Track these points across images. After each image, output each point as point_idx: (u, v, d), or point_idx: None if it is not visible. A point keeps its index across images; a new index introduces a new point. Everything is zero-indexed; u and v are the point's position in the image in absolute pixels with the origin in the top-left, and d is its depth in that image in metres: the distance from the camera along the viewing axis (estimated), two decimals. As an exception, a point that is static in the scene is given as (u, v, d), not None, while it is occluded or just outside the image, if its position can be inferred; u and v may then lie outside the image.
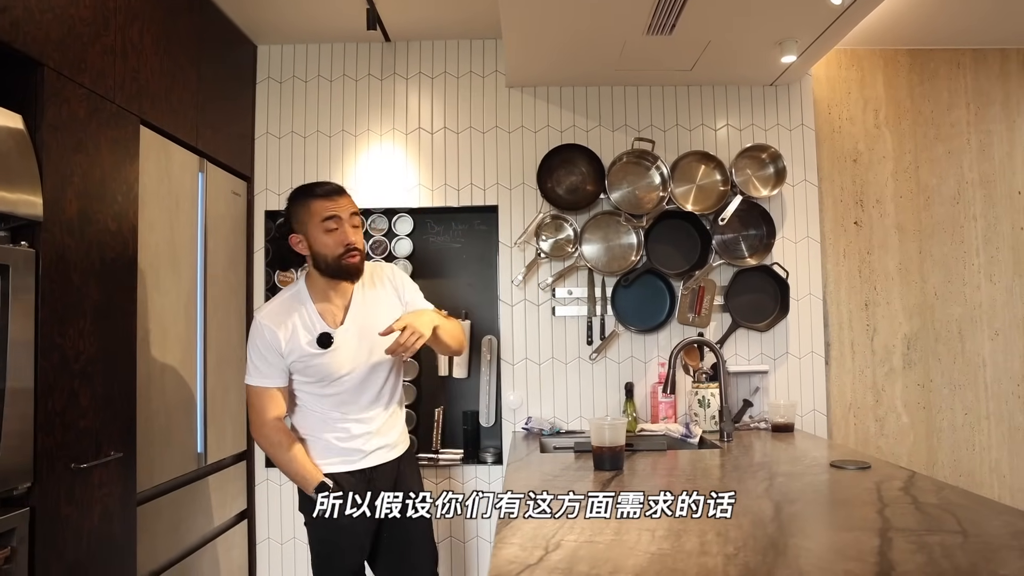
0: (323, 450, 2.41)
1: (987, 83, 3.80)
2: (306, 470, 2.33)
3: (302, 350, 2.32)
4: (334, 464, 2.40)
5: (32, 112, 2.04)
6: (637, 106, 3.69)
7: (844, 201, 3.72)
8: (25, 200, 1.97)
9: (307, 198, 2.35)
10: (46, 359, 2.04)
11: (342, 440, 2.41)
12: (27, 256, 1.99)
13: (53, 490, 2.06)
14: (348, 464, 2.42)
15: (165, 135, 2.78)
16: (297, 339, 2.32)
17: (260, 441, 2.38)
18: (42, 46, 2.07)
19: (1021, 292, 3.71)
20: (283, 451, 2.32)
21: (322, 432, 2.41)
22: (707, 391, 3.34)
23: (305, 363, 2.34)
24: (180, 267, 2.87)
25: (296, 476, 2.35)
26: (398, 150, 3.65)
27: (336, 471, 2.39)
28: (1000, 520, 1.75)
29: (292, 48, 3.69)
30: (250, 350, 2.36)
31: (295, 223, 2.37)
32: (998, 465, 3.66)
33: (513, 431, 3.52)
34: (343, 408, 2.42)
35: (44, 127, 2.06)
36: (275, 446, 2.33)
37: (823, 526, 1.81)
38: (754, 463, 2.59)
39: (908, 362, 3.68)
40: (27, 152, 1.99)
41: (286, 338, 2.32)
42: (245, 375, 2.39)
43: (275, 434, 2.33)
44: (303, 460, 2.34)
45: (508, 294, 3.58)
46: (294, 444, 2.35)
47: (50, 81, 2.10)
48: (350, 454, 2.42)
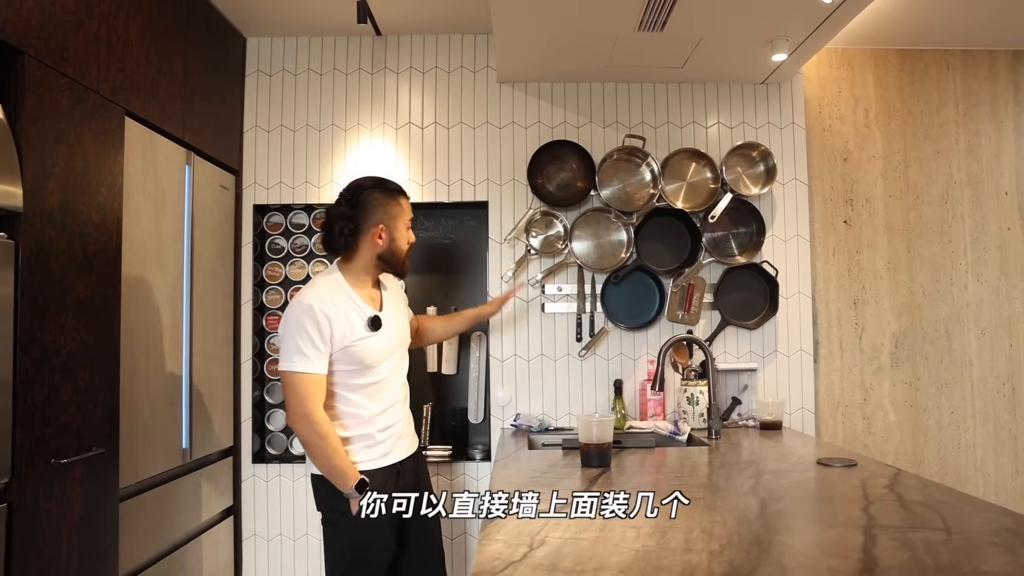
0: (360, 446, 2.40)
1: (976, 84, 3.81)
2: (347, 466, 2.31)
3: (353, 333, 2.36)
4: (369, 461, 2.40)
5: (12, 101, 2.02)
6: (628, 103, 3.68)
7: (834, 200, 3.73)
8: (4, 191, 1.95)
9: (399, 196, 2.52)
10: (26, 353, 2.02)
11: (379, 433, 2.43)
12: (6, 247, 1.97)
13: (32, 486, 2.04)
14: (381, 460, 2.43)
15: (151, 127, 2.76)
16: (349, 322, 2.36)
17: (304, 430, 2.29)
18: (22, 33, 2.04)
19: (1007, 292, 3.73)
20: (329, 443, 2.28)
21: (359, 427, 2.41)
22: (696, 388, 3.34)
23: (355, 347, 2.36)
24: (166, 260, 2.85)
25: (335, 471, 2.30)
26: (388, 145, 3.64)
27: (369, 468, 2.39)
28: (983, 517, 1.75)
29: (282, 41, 3.67)
30: (296, 335, 2.30)
31: (383, 216, 2.45)
32: (983, 463, 3.67)
33: (502, 428, 3.51)
34: (376, 398, 2.44)
35: (24, 116, 2.03)
36: (322, 438, 2.28)
37: (808, 523, 1.82)
38: (741, 460, 2.59)
39: (896, 361, 3.69)
40: (7, 142, 1.97)
41: (338, 321, 2.33)
42: (286, 362, 2.30)
43: (324, 424, 2.29)
44: (344, 456, 2.33)
45: (498, 290, 3.57)
46: (338, 438, 2.33)
47: (31, 70, 2.07)
48: (383, 447, 2.44)
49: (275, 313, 3.63)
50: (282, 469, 3.53)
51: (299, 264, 3.66)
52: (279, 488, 3.53)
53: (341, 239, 2.41)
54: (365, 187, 2.46)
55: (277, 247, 3.66)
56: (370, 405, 2.42)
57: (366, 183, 2.48)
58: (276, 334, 3.62)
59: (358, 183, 2.49)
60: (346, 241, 2.42)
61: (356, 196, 2.44)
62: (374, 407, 2.43)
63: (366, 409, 2.41)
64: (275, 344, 3.63)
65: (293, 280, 3.65)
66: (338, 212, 2.43)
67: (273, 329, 3.63)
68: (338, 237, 2.42)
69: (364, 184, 2.48)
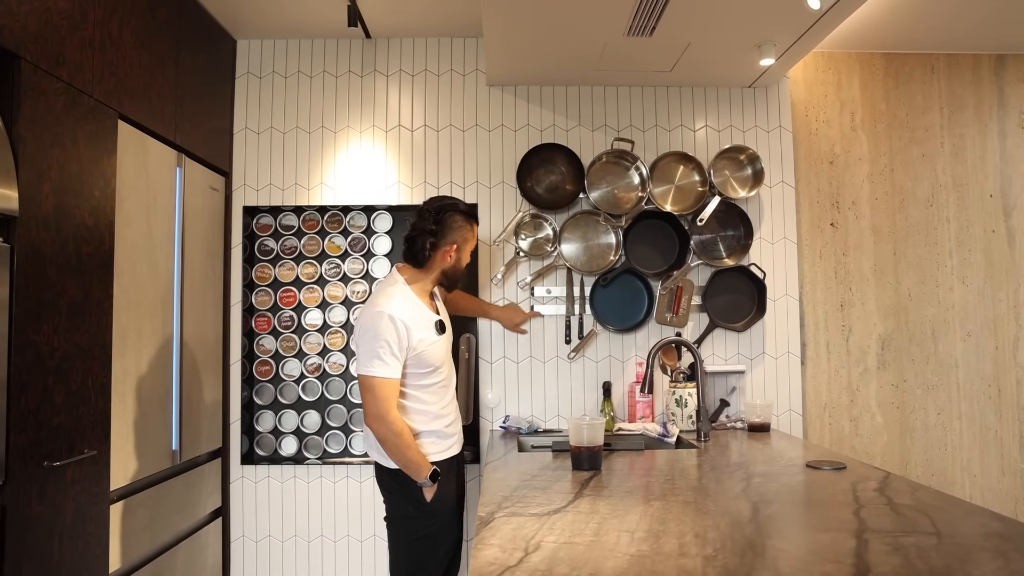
0: (431, 439, 2.62)
1: (960, 88, 3.85)
2: (421, 458, 2.52)
3: (426, 338, 2.56)
4: (438, 452, 2.63)
5: (8, 106, 2.02)
6: (617, 106, 3.70)
7: (820, 203, 3.76)
8: (0, 194, 1.94)
9: (474, 223, 2.76)
10: (20, 356, 2.01)
11: (447, 428, 2.67)
12: (1, 251, 1.96)
13: (25, 489, 2.03)
14: (447, 451, 2.67)
15: (143, 129, 2.75)
16: (421, 328, 2.56)
17: (381, 430, 2.47)
18: (19, 38, 2.04)
19: (992, 294, 3.77)
20: (404, 439, 2.48)
21: (431, 423, 2.62)
22: (684, 391, 3.36)
23: (429, 352, 2.57)
24: (157, 262, 2.84)
25: (410, 464, 2.50)
26: (378, 147, 3.64)
27: (439, 459, 2.61)
28: (973, 521, 1.77)
29: (272, 43, 3.66)
30: (375, 342, 2.47)
31: (458, 238, 2.68)
32: (969, 465, 3.71)
33: (491, 430, 3.52)
34: (441, 394, 2.67)
35: (20, 121, 2.03)
36: (400, 435, 2.47)
37: (800, 527, 1.83)
38: (731, 463, 2.61)
39: (882, 362, 3.73)
40: (3, 146, 1.97)
41: (415, 328, 2.53)
42: (365, 367, 2.48)
43: (398, 423, 2.48)
44: (419, 449, 2.55)
45: (487, 292, 3.58)
46: (411, 434, 2.54)
47: (27, 74, 2.07)
48: (450, 440, 2.69)
49: (264, 314, 3.62)
50: (271, 470, 3.53)
51: (288, 266, 3.65)
52: (268, 489, 3.52)
53: (423, 253, 2.63)
54: (449, 208, 2.67)
55: (266, 249, 3.66)
56: (437, 402, 2.65)
57: (449, 205, 2.68)
58: (265, 335, 3.62)
59: (446, 203, 2.69)
60: (427, 255, 2.63)
61: (441, 214, 2.65)
62: (440, 403, 2.66)
63: (434, 406, 2.63)
64: (264, 346, 3.62)
65: (282, 282, 3.64)
66: (423, 227, 2.64)
67: (262, 331, 3.63)
68: (420, 250, 2.63)
69: (447, 205, 2.68)
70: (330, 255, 3.67)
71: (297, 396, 3.63)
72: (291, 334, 3.64)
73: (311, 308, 3.65)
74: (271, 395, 3.63)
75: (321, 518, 3.52)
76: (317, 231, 3.68)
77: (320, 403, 3.64)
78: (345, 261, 3.67)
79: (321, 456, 3.61)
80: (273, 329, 3.64)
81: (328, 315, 3.65)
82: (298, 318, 3.65)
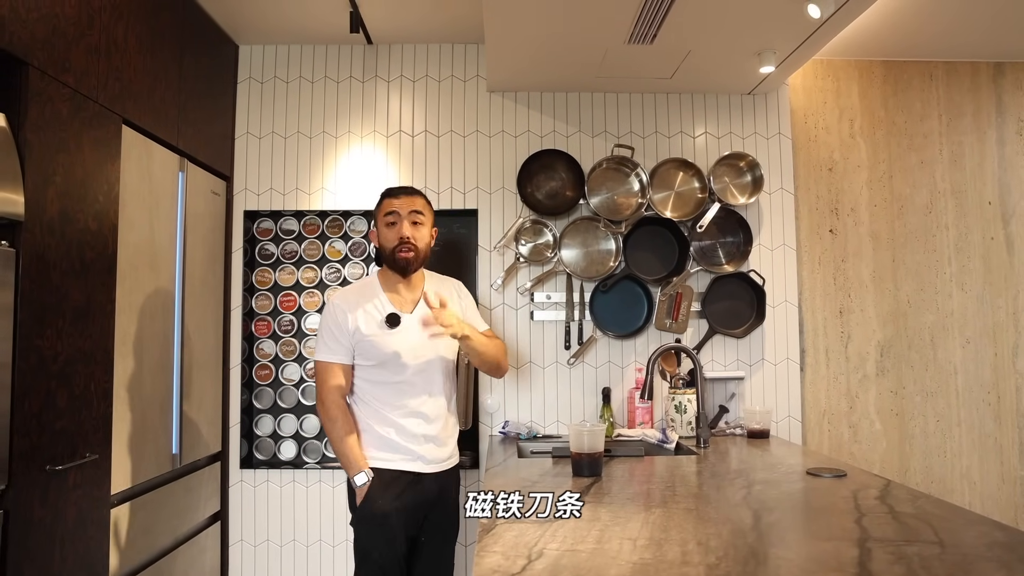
0: (376, 442, 2.54)
1: (959, 95, 3.87)
2: (354, 454, 2.48)
3: (369, 328, 2.53)
4: (384, 460, 2.52)
5: (16, 111, 2.03)
6: (617, 113, 3.71)
7: (819, 209, 3.77)
8: (7, 199, 1.96)
9: (381, 198, 2.68)
10: (24, 360, 2.02)
11: (398, 435, 2.54)
12: (7, 256, 1.97)
13: (27, 493, 2.03)
14: (399, 462, 2.54)
15: (146, 134, 2.76)
16: (365, 318, 2.55)
17: (320, 413, 2.54)
18: (27, 45, 2.05)
19: (991, 301, 3.78)
20: (336, 427, 2.49)
21: (379, 424, 2.55)
22: (684, 397, 3.37)
23: (370, 342, 2.52)
24: (159, 266, 2.85)
25: (342, 457, 2.51)
26: (379, 152, 3.64)
27: (384, 467, 2.51)
28: (976, 531, 1.77)
29: (274, 49, 3.67)
30: (321, 328, 2.58)
31: (377, 217, 2.66)
32: (968, 472, 3.72)
33: (490, 435, 3.52)
34: (401, 399, 2.56)
35: (27, 126, 2.05)
36: (330, 421, 2.50)
37: (802, 536, 1.83)
38: (731, 470, 2.62)
39: (881, 369, 3.74)
40: (10, 151, 1.98)
41: (354, 316, 2.54)
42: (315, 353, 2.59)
43: (333, 409, 2.50)
44: (353, 444, 2.50)
45: (487, 298, 3.58)
46: (349, 426, 2.52)
47: (34, 80, 2.08)
48: (403, 451, 2.54)
49: (264, 318, 3.63)
50: (269, 474, 3.52)
51: (288, 270, 3.66)
52: (266, 493, 3.52)
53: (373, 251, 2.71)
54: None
55: (267, 253, 3.66)
56: (390, 403, 2.55)
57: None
58: (265, 339, 3.63)
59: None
60: (374, 250, 2.69)
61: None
62: (394, 407, 2.55)
63: (385, 407, 2.55)
64: (264, 350, 3.63)
65: (282, 286, 3.65)
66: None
67: (262, 335, 3.63)
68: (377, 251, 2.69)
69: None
70: (330, 259, 3.67)
71: (296, 400, 3.63)
72: (291, 338, 3.64)
73: (311, 312, 3.65)
74: (270, 399, 3.63)
75: (320, 522, 3.51)
76: (318, 235, 3.68)
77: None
78: (345, 266, 3.67)
79: (320, 460, 3.61)
80: (273, 333, 3.64)
81: (328, 320, 3.65)
82: (298, 322, 3.65)
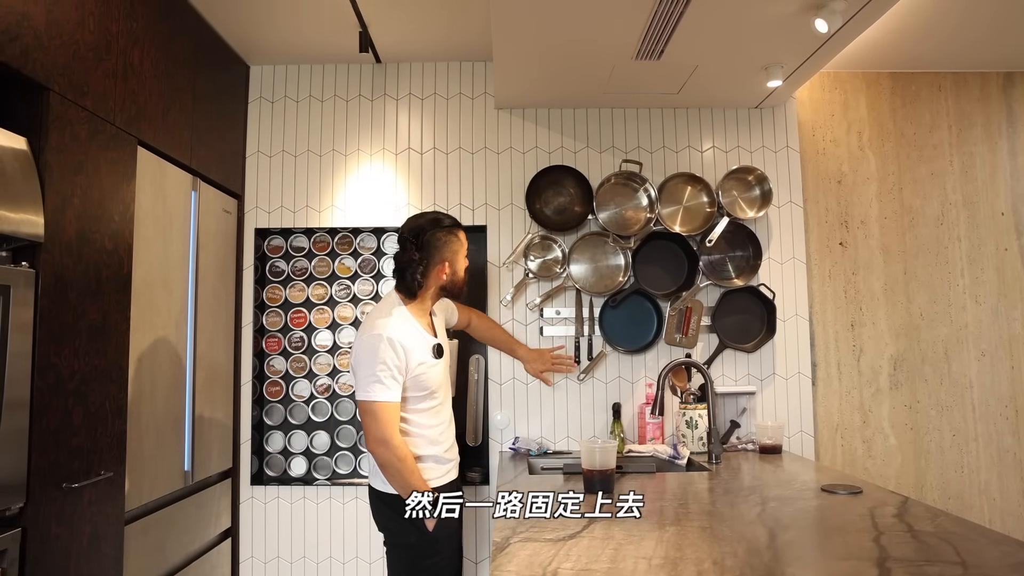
0: (431, 464, 2.55)
1: (968, 106, 3.85)
2: (424, 485, 2.43)
3: (425, 361, 2.52)
4: (438, 478, 2.56)
5: (37, 134, 2.09)
6: (624, 128, 3.72)
7: (829, 222, 3.76)
8: (28, 220, 2.01)
9: (456, 231, 2.64)
10: (42, 379, 2.05)
11: (445, 453, 2.60)
12: (28, 277, 2.02)
13: (45, 510, 2.05)
14: (446, 476, 2.60)
15: (160, 155, 2.81)
16: (420, 352, 2.51)
17: (384, 454, 2.40)
18: (49, 71, 2.12)
19: (1007, 313, 3.74)
20: (407, 464, 2.41)
21: (428, 447, 2.55)
22: (695, 412, 3.35)
23: (427, 375, 2.52)
24: (172, 285, 2.88)
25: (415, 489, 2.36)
26: (388, 170, 3.67)
27: (438, 484, 2.54)
28: (999, 551, 1.73)
29: (284, 68, 3.71)
30: (375, 365, 2.41)
31: (447, 254, 2.59)
32: (987, 487, 3.66)
33: (500, 451, 3.51)
34: (440, 417, 2.61)
35: (48, 149, 2.10)
36: (403, 460, 2.40)
37: (819, 555, 1.79)
38: (744, 487, 2.58)
39: (895, 383, 3.70)
40: (31, 174, 2.03)
41: (413, 352, 2.48)
42: (365, 391, 2.42)
43: (402, 448, 2.42)
44: (420, 475, 2.46)
45: (496, 314, 3.59)
46: (414, 460, 2.47)
47: (55, 104, 2.14)
48: (448, 465, 2.61)
49: (274, 335, 3.65)
50: (280, 491, 3.53)
51: (299, 287, 3.68)
52: (277, 510, 3.52)
53: (415, 283, 2.56)
54: (427, 229, 2.57)
55: (277, 270, 3.69)
56: (436, 425, 2.58)
57: (426, 225, 2.59)
58: (275, 356, 3.64)
59: (419, 225, 2.59)
60: (419, 284, 2.57)
61: (421, 238, 2.56)
62: (438, 428, 2.58)
63: (432, 430, 2.56)
64: (275, 366, 3.64)
65: (293, 303, 3.67)
66: (407, 259, 2.56)
67: (272, 351, 3.65)
68: (411, 282, 2.57)
69: (424, 226, 2.58)
70: (340, 276, 3.70)
71: (307, 417, 3.64)
72: (301, 355, 3.65)
73: (321, 329, 3.67)
74: (281, 415, 3.64)
75: (330, 539, 3.51)
76: (327, 252, 3.71)
77: (330, 424, 3.65)
78: (355, 282, 3.70)
79: (330, 477, 3.62)
80: (283, 350, 3.66)
81: (338, 336, 3.67)
82: (308, 339, 3.67)
